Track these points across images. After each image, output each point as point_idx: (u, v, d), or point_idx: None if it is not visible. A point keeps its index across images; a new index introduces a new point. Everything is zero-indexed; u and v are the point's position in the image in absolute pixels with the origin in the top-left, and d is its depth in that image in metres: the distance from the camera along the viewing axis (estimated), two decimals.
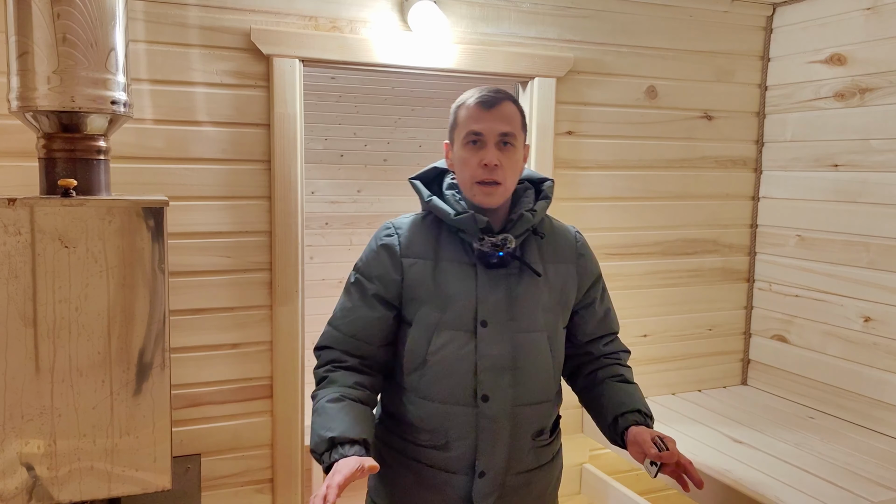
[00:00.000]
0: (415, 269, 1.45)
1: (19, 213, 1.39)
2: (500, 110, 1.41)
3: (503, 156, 1.40)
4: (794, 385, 2.62)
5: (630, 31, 2.48)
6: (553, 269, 1.49)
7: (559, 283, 1.49)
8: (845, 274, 2.42)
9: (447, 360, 1.41)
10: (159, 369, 1.51)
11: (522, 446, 1.45)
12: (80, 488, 1.49)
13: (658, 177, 2.61)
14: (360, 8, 2.11)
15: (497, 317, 1.42)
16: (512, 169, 1.42)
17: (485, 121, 1.40)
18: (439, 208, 1.46)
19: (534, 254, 1.48)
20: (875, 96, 2.31)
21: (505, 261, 1.43)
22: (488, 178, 1.39)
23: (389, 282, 1.46)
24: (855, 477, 1.99)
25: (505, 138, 1.40)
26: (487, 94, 1.42)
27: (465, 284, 1.43)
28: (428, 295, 1.43)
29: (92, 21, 1.47)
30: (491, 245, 1.40)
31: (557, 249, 1.52)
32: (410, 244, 1.47)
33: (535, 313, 1.45)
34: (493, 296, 1.42)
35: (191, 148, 1.99)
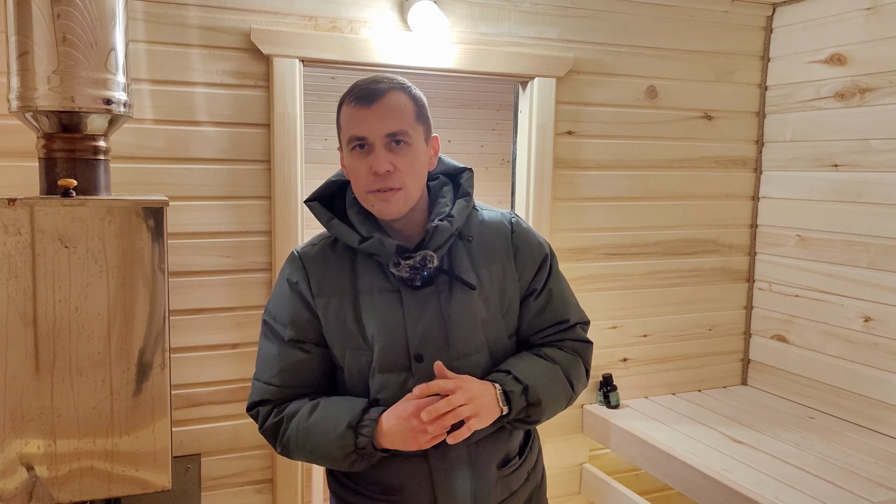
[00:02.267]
0: (331, 309, 1.26)
1: (19, 213, 1.39)
2: (384, 105, 1.18)
3: (396, 157, 1.18)
4: (794, 385, 2.62)
5: (630, 31, 2.48)
6: (487, 272, 1.29)
7: (496, 288, 1.30)
8: (845, 274, 2.42)
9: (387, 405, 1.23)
10: (159, 369, 1.51)
11: (487, 481, 1.29)
12: (80, 488, 1.49)
13: (658, 177, 2.61)
14: (360, 8, 2.11)
15: (432, 346, 1.24)
16: (411, 170, 1.20)
17: (366, 121, 1.18)
18: (343, 235, 1.26)
19: (463, 261, 1.28)
20: (875, 96, 2.31)
21: (431, 278, 1.24)
22: (382, 186, 1.19)
23: (306, 325, 1.27)
24: (855, 477, 1.99)
25: (395, 137, 1.18)
26: (367, 86, 1.19)
27: (391, 316, 1.24)
28: (350, 338, 1.26)
29: (92, 21, 1.47)
30: (409, 269, 1.21)
31: (489, 250, 1.31)
32: (322, 281, 1.27)
33: (472, 332, 1.26)
34: (422, 323, 1.24)
35: (191, 148, 1.99)
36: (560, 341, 1.37)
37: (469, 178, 1.33)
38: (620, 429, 2.38)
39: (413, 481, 1.26)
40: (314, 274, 1.28)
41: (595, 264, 2.54)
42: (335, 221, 1.27)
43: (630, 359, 2.64)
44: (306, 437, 1.22)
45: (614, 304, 2.57)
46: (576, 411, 2.55)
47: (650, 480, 2.66)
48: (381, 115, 1.18)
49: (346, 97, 1.22)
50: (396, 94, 1.20)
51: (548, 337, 1.36)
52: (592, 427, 2.54)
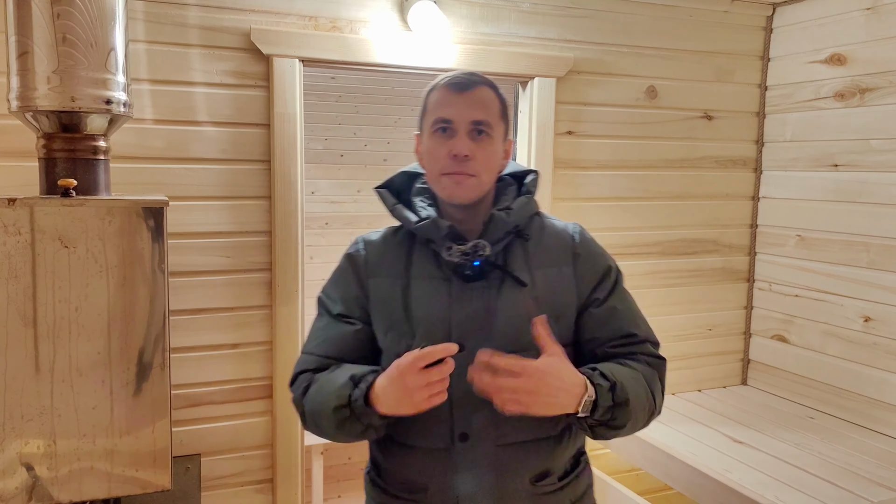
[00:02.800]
0: (381, 289, 1.28)
1: (19, 213, 1.39)
2: (475, 94, 1.22)
3: (476, 146, 1.21)
4: (794, 385, 2.62)
5: (630, 31, 2.48)
6: (542, 274, 1.26)
7: (549, 291, 1.25)
8: (845, 274, 2.42)
9: None
10: (159, 369, 1.51)
11: (516, 494, 1.23)
12: (80, 488, 1.49)
13: (658, 177, 2.61)
14: (359, 8, 2.11)
15: (473, 338, 1.19)
16: (487, 161, 1.23)
17: (456, 105, 1.21)
18: (402, 216, 1.29)
19: (518, 260, 1.26)
20: (875, 96, 2.31)
21: (483, 271, 1.22)
22: (458, 169, 1.20)
23: (353, 303, 1.30)
24: (855, 477, 1.99)
25: (479, 126, 1.21)
26: (461, 76, 1.25)
27: (437, 303, 1.23)
28: (395, 320, 1.26)
29: (92, 21, 1.47)
30: (460, 254, 1.21)
31: (548, 252, 1.29)
32: (378, 262, 1.31)
33: (518, 330, 1.20)
34: (468, 313, 1.22)
35: (191, 148, 1.99)
36: (631, 354, 1.27)
37: (533, 179, 1.34)
38: None
39: (437, 481, 1.24)
40: (371, 255, 1.32)
41: None
42: (398, 206, 1.31)
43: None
44: (316, 394, 1.21)
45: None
46: None
47: (650, 480, 2.66)
48: (470, 103, 1.21)
49: (438, 83, 1.26)
50: (487, 90, 1.24)
51: (616, 349, 1.27)
52: None
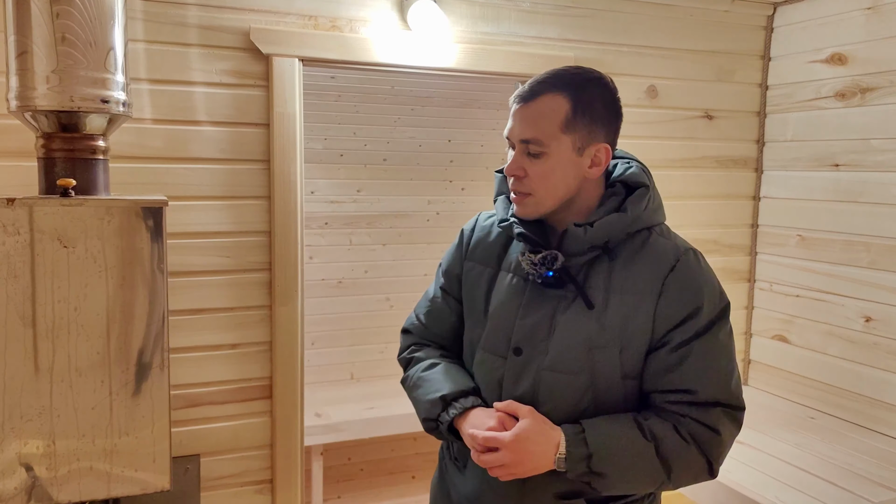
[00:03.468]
0: (472, 274, 1.31)
1: (18, 213, 1.39)
2: (531, 108, 1.15)
3: (530, 164, 1.16)
4: (794, 385, 2.62)
5: (630, 30, 2.47)
6: (619, 299, 1.16)
7: (620, 320, 1.16)
8: (846, 274, 2.42)
9: (479, 383, 1.26)
10: (158, 369, 1.51)
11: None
12: (80, 488, 1.48)
13: (658, 177, 2.58)
14: (359, 7, 2.10)
15: (531, 345, 1.19)
16: (543, 180, 1.16)
17: (513, 120, 1.18)
18: (497, 210, 1.29)
19: (599, 279, 1.18)
20: (875, 96, 2.30)
21: (561, 280, 1.18)
22: (514, 188, 1.19)
23: (454, 280, 1.36)
24: (855, 477, 1.99)
25: (528, 147, 1.15)
26: (529, 84, 1.17)
27: (510, 301, 1.23)
28: (475, 308, 1.29)
29: (91, 20, 1.47)
30: (530, 263, 1.18)
31: (635, 277, 1.17)
32: (477, 247, 1.33)
33: (574, 349, 1.16)
34: (532, 319, 1.20)
35: (190, 148, 1.99)
36: (681, 416, 1.16)
37: (639, 195, 1.24)
38: None
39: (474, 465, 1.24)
40: (475, 238, 1.34)
41: None
42: (501, 197, 1.30)
43: None
44: (414, 386, 1.31)
45: None
46: None
47: None
48: (523, 119, 1.16)
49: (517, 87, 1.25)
50: (551, 98, 1.15)
51: (669, 404, 1.17)
52: None
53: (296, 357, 2.14)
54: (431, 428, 1.25)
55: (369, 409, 3.02)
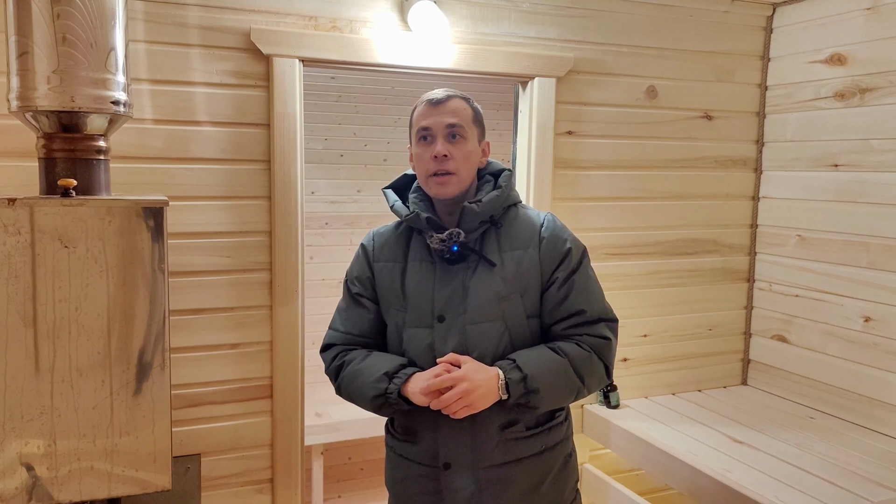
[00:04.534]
0: (384, 272, 1.56)
1: (19, 213, 1.39)
2: (448, 105, 1.48)
3: (453, 147, 1.46)
4: (794, 385, 2.62)
5: (630, 31, 2.47)
6: (510, 255, 1.50)
7: (515, 270, 1.49)
8: (845, 274, 2.42)
9: (412, 357, 1.50)
10: (159, 369, 1.51)
11: (488, 439, 1.47)
12: (80, 488, 1.49)
13: (658, 177, 2.61)
14: (360, 8, 2.11)
15: (451, 310, 1.47)
16: (464, 160, 1.48)
17: (433, 116, 1.47)
18: (397, 212, 1.54)
19: (491, 245, 1.50)
20: (875, 96, 2.31)
21: (462, 255, 1.48)
22: (440, 168, 1.45)
23: (367, 282, 1.58)
24: (855, 477, 1.99)
25: (453, 129, 1.46)
26: (437, 92, 1.50)
27: (425, 282, 1.50)
28: (394, 296, 1.53)
29: (92, 21, 1.47)
30: (439, 241, 1.46)
31: (518, 237, 1.52)
32: (382, 249, 1.58)
33: (486, 303, 1.46)
34: (447, 290, 1.48)
35: (191, 148, 1.99)
36: (578, 336, 1.49)
37: (506, 176, 1.56)
38: (620, 429, 2.38)
39: (425, 427, 1.49)
40: (378, 243, 1.59)
41: (595, 264, 2.50)
42: (397, 203, 1.55)
43: (630, 359, 2.64)
44: (353, 378, 1.50)
45: (614, 304, 2.52)
46: (576, 412, 2.55)
47: (650, 480, 2.66)
48: (444, 113, 1.47)
49: (419, 102, 1.52)
50: (459, 101, 1.50)
51: (566, 329, 1.50)
52: (592, 427, 2.54)
53: (296, 357, 2.15)
54: (380, 404, 1.46)
55: None
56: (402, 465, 1.56)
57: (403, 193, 1.59)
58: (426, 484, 1.52)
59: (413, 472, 1.54)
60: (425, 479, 1.52)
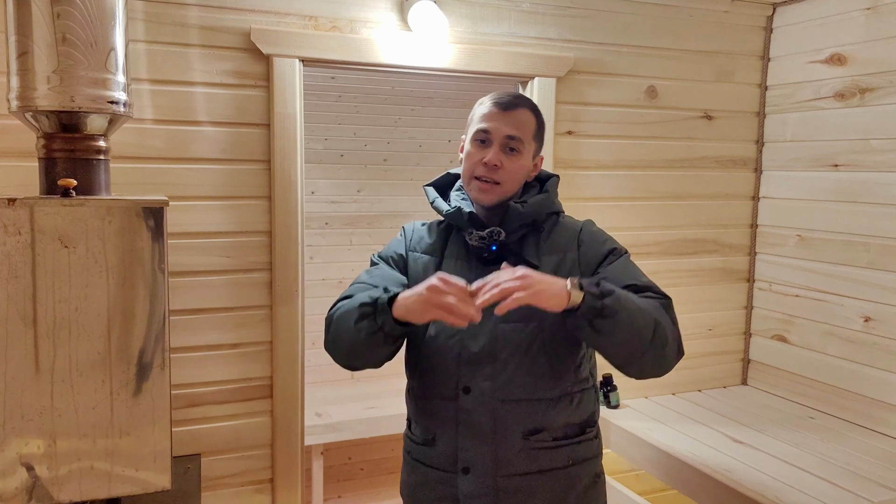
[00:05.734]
0: (418, 263, 1.52)
1: (19, 213, 1.39)
2: (515, 114, 1.42)
3: (506, 159, 1.41)
4: (794, 385, 2.62)
5: (630, 31, 2.47)
6: (548, 259, 1.45)
7: (554, 273, 1.39)
8: (845, 274, 2.42)
9: (434, 353, 1.44)
10: (159, 369, 1.51)
11: (510, 446, 1.40)
12: (80, 488, 1.49)
13: (658, 177, 2.61)
14: (360, 8, 2.11)
15: (486, 311, 1.31)
16: (513, 173, 1.43)
17: (496, 121, 1.42)
18: (438, 208, 1.50)
19: (531, 247, 1.47)
20: (875, 96, 2.31)
21: (500, 255, 1.43)
22: (486, 175, 1.41)
23: (399, 260, 1.54)
24: (855, 477, 1.99)
25: (511, 143, 1.41)
26: (507, 96, 1.44)
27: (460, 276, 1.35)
28: None
29: (92, 21, 1.47)
30: (479, 238, 1.43)
31: (557, 241, 1.48)
32: (419, 241, 1.55)
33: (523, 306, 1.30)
34: None
35: (191, 148, 1.99)
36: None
37: (553, 181, 1.53)
38: (620, 429, 2.38)
39: (445, 429, 1.44)
40: (416, 235, 1.56)
41: None
42: (438, 200, 1.51)
43: None
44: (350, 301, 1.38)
45: None
46: None
47: (650, 480, 2.66)
48: (509, 122, 1.42)
49: (487, 98, 1.46)
50: (527, 112, 1.45)
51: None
52: None
53: (296, 357, 2.15)
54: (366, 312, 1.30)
55: (369, 409, 3.03)
56: (418, 469, 1.50)
57: (444, 192, 1.56)
58: (442, 490, 1.45)
59: (430, 477, 1.47)
60: (442, 484, 1.45)
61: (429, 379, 1.46)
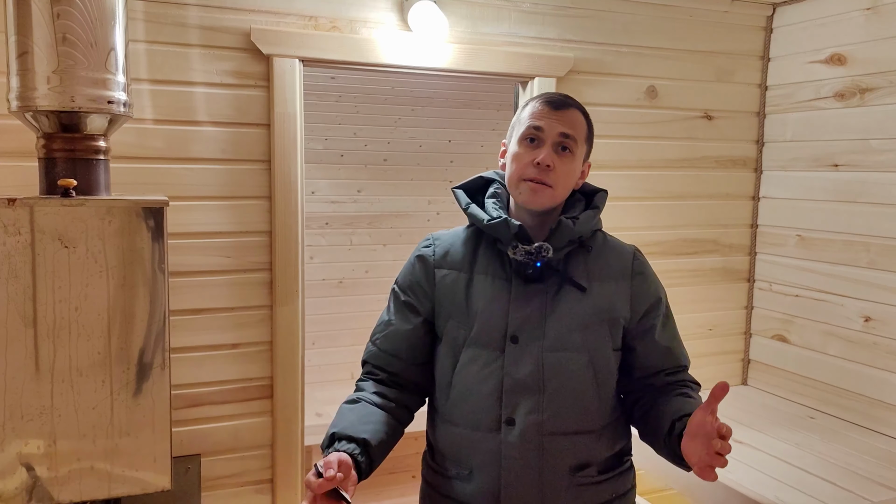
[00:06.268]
0: (447, 280, 1.38)
1: (19, 213, 1.39)
2: (567, 114, 1.33)
3: (559, 160, 1.30)
4: (794, 385, 2.62)
5: (630, 31, 2.48)
6: (599, 286, 1.35)
7: (606, 301, 1.34)
8: (845, 274, 2.42)
9: (471, 380, 1.32)
10: (159, 369, 1.51)
11: (557, 482, 1.30)
12: (80, 488, 1.49)
13: (658, 177, 2.61)
14: (360, 8, 2.11)
15: (528, 333, 1.30)
16: (566, 176, 1.32)
17: (549, 118, 1.31)
18: (474, 215, 1.36)
19: (579, 268, 1.35)
20: (875, 96, 2.31)
21: (544, 273, 1.32)
22: (538, 177, 1.29)
23: (421, 293, 1.39)
24: (855, 477, 1.99)
25: (565, 141, 1.31)
26: (558, 95, 1.37)
27: (497, 299, 1.33)
28: (457, 309, 1.35)
29: (92, 21, 1.47)
30: (525, 253, 1.29)
31: (608, 265, 1.37)
32: (446, 255, 1.40)
33: (570, 330, 1.31)
34: (525, 311, 1.31)
35: (191, 148, 1.99)
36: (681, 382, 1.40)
37: (602, 196, 1.43)
38: None
39: (485, 462, 1.31)
40: (440, 249, 1.41)
41: None
42: (473, 206, 1.38)
43: None
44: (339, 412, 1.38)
45: None
46: None
47: (650, 480, 2.66)
48: (561, 119, 1.32)
49: (536, 98, 1.37)
50: (578, 113, 1.35)
51: (669, 378, 1.39)
52: None
53: (296, 357, 2.15)
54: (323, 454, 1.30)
55: None
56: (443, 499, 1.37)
57: (474, 197, 1.42)
58: None
59: None
60: None
61: (465, 408, 1.33)
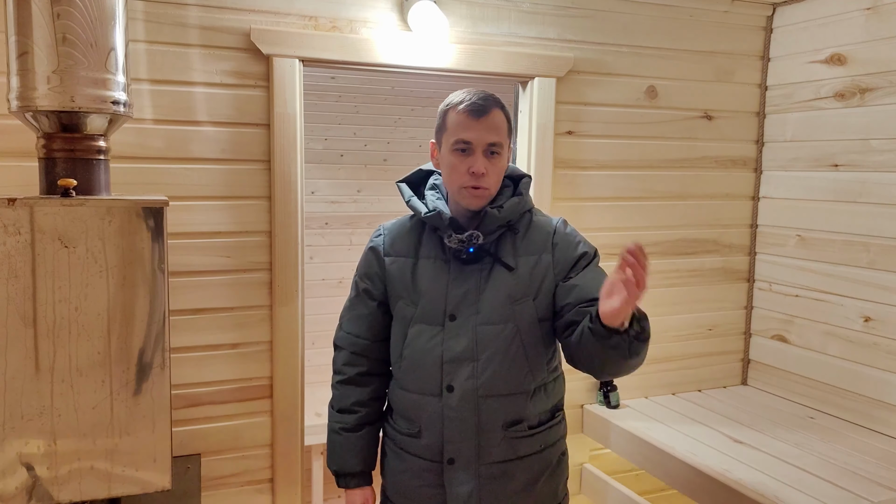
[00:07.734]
0: (395, 266, 1.58)
1: (19, 213, 1.39)
2: (490, 119, 1.45)
3: (490, 164, 1.46)
4: (794, 385, 2.62)
5: (630, 31, 2.48)
6: (524, 261, 1.52)
7: (530, 275, 1.51)
8: (845, 274, 2.42)
9: (418, 352, 1.53)
10: (159, 369, 1.51)
11: (492, 437, 1.50)
12: (80, 488, 1.49)
13: (658, 177, 2.61)
14: (360, 8, 2.11)
15: (464, 310, 1.50)
16: (497, 175, 1.49)
17: (474, 130, 1.44)
18: (415, 208, 1.56)
19: (507, 249, 1.53)
20: (875, 96, 2.31)
21: (478, 256, 1.50)
22: (475, 184, 1.46)
23: (375, 278, 1.61)
24: (855, 477, 1.99)
25: (493, 148, 1.46)
26: (477, 101, 1.46)
27: (438, 280, 1.52)
28: (405, 290, 1.55)
29: (92, 21, 1.47)
30: (458, 241, 1.48)
31: (532, 242, 1.54)
32: (393, 243, 1.61)
33: (500, 305, 1.49)
34: (461, 290, 1.50)
35: (191, 148, 1.99)
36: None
37: (526, 182, 1.58)
38: (620, 429, 2.38)
39: (431, 423, 1.52)
40: (388, 239, 1.62)
41: None
42: (413, 199, 1.57)
43: None
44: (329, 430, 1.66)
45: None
46: (576, 411, 2.55)
47: (650, 480, 2.66)
48: (486, 128, 1.45)
49: (455, 105, 1.47)
50: (499, 113, 1.47)
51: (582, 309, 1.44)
52: (592, 427, 2.54)
53: (296, 357, 2.15)
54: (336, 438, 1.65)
55: None
56: (403, 457, 1.59)
57: (417, 188, 1.62)
58: (427, 477, 1.55)
59: (414, 465, 1.57)
60: (427, 472, 1.55)
61: (413, 376, 1.54)
